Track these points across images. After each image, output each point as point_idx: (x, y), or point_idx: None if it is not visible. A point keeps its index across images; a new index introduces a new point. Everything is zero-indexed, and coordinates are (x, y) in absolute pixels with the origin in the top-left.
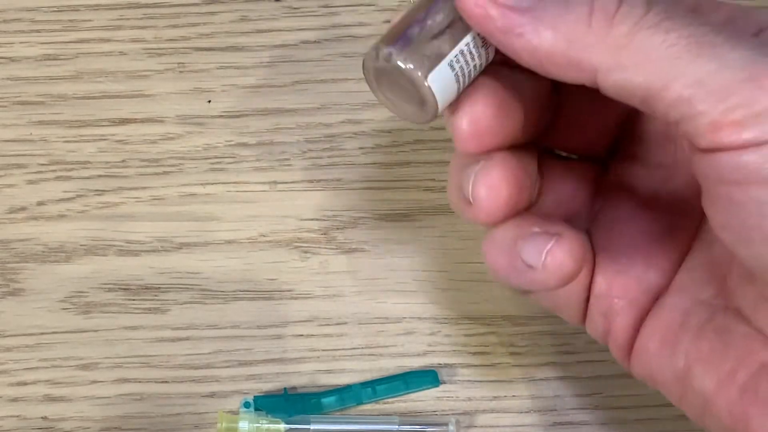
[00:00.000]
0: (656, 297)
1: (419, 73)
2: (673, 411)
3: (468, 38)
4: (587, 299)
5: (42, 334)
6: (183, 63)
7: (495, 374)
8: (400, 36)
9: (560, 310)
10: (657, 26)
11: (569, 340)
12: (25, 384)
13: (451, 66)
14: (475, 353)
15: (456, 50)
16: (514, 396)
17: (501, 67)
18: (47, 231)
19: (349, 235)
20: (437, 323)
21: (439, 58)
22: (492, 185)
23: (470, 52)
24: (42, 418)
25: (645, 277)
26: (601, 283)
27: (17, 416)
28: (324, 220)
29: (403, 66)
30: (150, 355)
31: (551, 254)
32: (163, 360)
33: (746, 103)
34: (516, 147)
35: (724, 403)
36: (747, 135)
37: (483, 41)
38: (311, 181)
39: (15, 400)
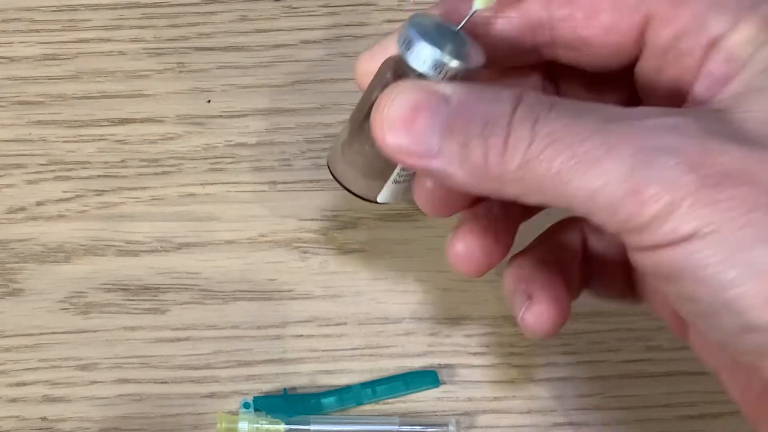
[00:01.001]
0: None
1: (370, 198)
2: (673, 411)
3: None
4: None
5: (41, 334)
6: (183, 63)
7: (495, 374)
8: (348, 159)
9: None
10: (542, 155)
11: (569, 340)
12: (24, 384)
13: (396, 182)
14: (475, 353)
15: (397, 171)
16: (514, 396)
17: None
18: (46, 231)
19: (349, 235)
20: (437, 323)
21: (385, 180)
22: (461, 251)
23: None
24: (41, 418)
25: None
26: (642, 281)
27: (17, 416)
28: (324, 220)
29: (353, 191)
30: (149, 356)
31: (523, 318)
32: (163, 360)
33: (632, 217)
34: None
35: (746, 410)
36: (644, 242)
37: None
38: (311, 181)
39: (14, 400)
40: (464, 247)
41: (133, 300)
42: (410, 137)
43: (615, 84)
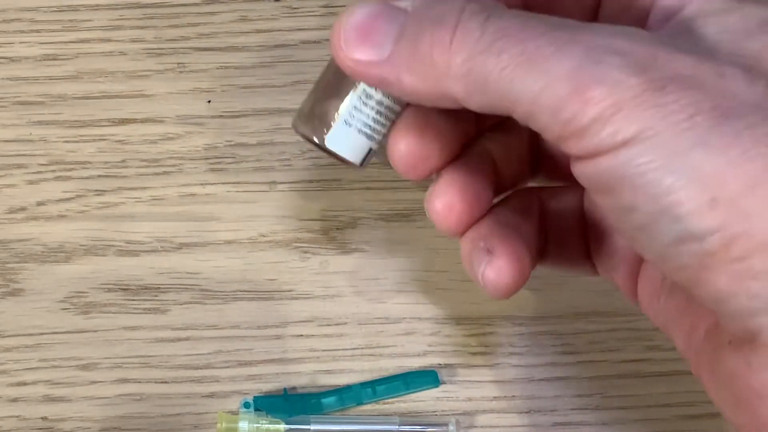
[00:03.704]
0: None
1: (316, 139)
2: (673, 411)
3: (357, 92)
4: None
5: (42, 334)
6: (183, 63)
7: (495, 374)
8: (303, 106)
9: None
10: (489, 49)
11: (569, 340)
12: (24, 384)
13: (347, 123)
14: (475, 353)
15: (348, 107)
16: (514, 396)
17: None
18: (47, 231)
19: (349, 235)
20: (437, 323)
21: (331, 120)
22: (441, 205)
23: (366, 103)
24: (42, 418)
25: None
26: (593, 247)
27: (17, 416)
28: (324, 220)
29: (305, 135)
30: (150, 356)
31: (484, 275)
32: (163, 360)
33: (574, 118)
34: (464, 155)
35: (692, 364)
36: (583, 147)
37: None
38: (311, 181)
39: (15, 400)
40: (444, 201)
41: (133, 300)
42: (365, 45)
43: None
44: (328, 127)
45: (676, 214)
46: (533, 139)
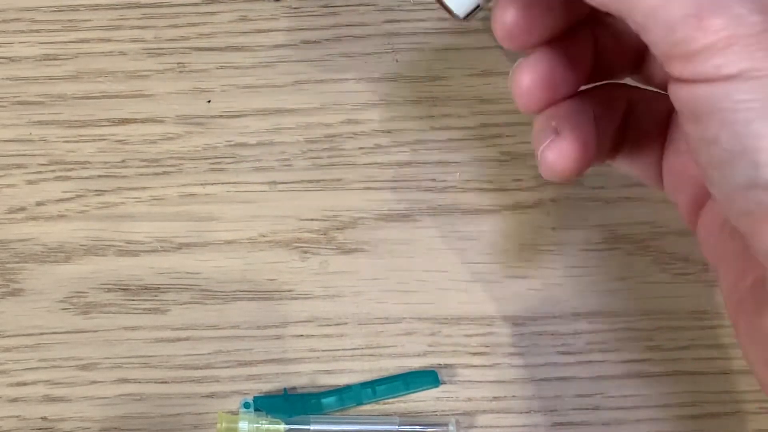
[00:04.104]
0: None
1: None
2: (673, 411)
3: None
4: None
5: (42, 334)
6: (183, 63)
7: (495, 374)
8: None
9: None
10: None
11: (569, 340)
12: (24, 384)
13: None
14: (475, 353)
15: None
16: (514, 396)
17: None
18: (47, 231)
19: (349, 235)
20: (437, 323)
21: None
22: (525, 81)
23: None
24: (42, 418)
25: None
26: (668, 162)
27: (17, 416)
28: (324, 220)
29: None
30: (150, 356)
31: (543, 153)
32: (163, 360)
33: (686, 41)
34: (565, 37)
35: (730, 308)
36: (687, 71)
37: None
38: (311, 181)
39: (15, 400)
40: (528, 78)
41: (133, 300)
42: None
43: None
44: None
45: (754, 159)
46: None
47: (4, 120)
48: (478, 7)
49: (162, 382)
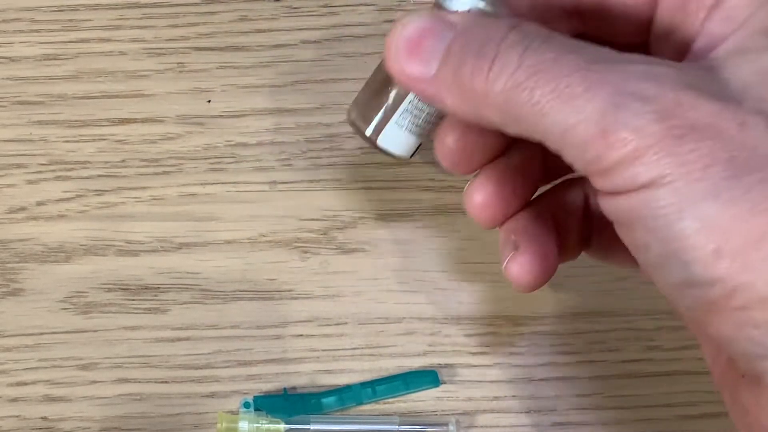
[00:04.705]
0: None
1: (370, 136)
2: (673, 411)
3: (409, 97)
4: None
5: (42, 334)
6: (183, 63)
7: (495, 374)
8: (358, 100)
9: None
10: (525, 84)
11: (569, 340)
12: (24, 384)
13: (399, 124)
14: (475, 353)
15: (400, 110)
16: (514, 396)
17: None
18: (47, 231)
19: (349, 235)
20: (437, 323)
21: (384, 120)
22: (478, 201)
23: (417, 107)
24: (42, 418)
25: None
26: None
27: (17, 416)
28: (324, 220)
29: (359, 129)
30: (150, 355)
31: (507, 268)
32: (163, 360)
33: (598, 158)
34: (510, 149)
35: (715, 379)
36: (606, 185)
37: None
38: (311, 181)
39: (15, 400)
40: (482, 195)
41: (133, 300)
42: (414, 60)
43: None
44: (381, 127)
45: (683, 259)
46: None
47: (4, 120)
48: (420, 146)
49: (162, 382)
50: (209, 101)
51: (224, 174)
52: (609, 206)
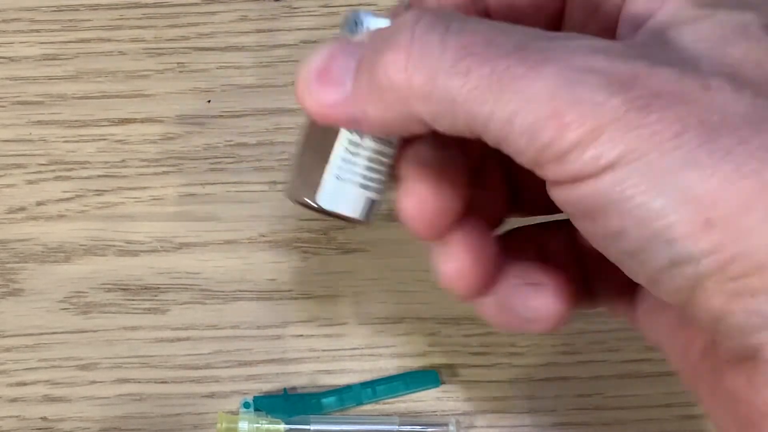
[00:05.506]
0: None
1: (309, 201)
2: (673, 411)
3: (342, 143)
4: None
5: (41, 334)
6: (183, 63)
7: (495, 374)
8: (290, 172)
9: None
10: (454, 68)
11: (569, 340)
12: (24, 384)
13: (339, 178)
14: (475, 353)
15: (336, 161)
16: (514, 396)
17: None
18: (46, 231)
19: (349, 235)
20: (437, 323)
21: (321, 178)
22: (451, 268)
23: (353, 153)
24: (42, 418)
25: None
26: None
27: (17, 416)
28: (324, 220)
29: (299, 200)
30: (149, 356)
31: (541, 306)
32: (163, 360)
33: (551, 143)
34: (479, 210)
35: (686, 379)
36: (562, 173)
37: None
38: None
39: (15, 400)
40: (456, 263)
41: (133, 300)
42: (326, 86)
43: None
44: (319, 186)
45: (668, 237)
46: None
47: (4, 120)
48: (373, 202)
49: (162, 382)
50: (209, 101)
51: (224, 174)
52: (568, 196)
